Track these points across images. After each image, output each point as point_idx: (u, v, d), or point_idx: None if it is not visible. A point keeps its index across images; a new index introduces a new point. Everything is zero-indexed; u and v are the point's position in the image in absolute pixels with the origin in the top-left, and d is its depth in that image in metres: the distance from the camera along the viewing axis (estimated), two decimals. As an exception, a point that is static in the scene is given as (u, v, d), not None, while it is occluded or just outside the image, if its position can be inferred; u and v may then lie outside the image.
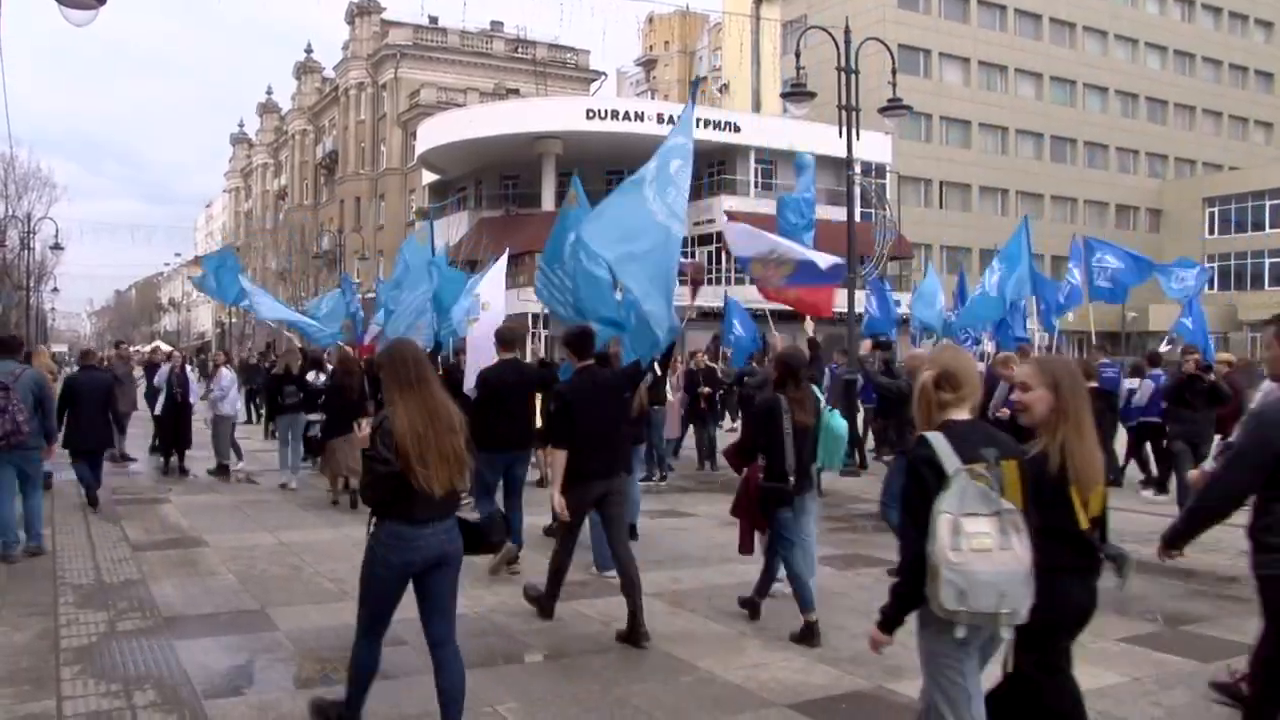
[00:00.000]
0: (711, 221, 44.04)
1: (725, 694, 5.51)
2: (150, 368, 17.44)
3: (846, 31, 16.82)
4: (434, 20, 63.79)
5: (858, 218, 17.94)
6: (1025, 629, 3.55)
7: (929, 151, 52.72)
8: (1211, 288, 57.28)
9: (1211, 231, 58.27)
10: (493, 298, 12.13)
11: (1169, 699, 5.48)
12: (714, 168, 45.78)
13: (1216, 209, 58.29)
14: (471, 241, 42.88)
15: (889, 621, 3.63)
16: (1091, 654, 6.18)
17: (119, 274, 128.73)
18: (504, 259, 13.28)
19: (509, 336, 8.99)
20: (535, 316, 33.06)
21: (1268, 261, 55.29)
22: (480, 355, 10.45)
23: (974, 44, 54.77)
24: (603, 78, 65.54)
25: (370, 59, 62.73)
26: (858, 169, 19.15)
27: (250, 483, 14.02)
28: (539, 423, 9.62)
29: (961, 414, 3.62)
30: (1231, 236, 57.34)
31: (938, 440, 3.48)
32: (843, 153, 16.77)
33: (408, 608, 7.17)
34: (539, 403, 9.54)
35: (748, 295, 14.59)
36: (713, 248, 44.26)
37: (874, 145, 40.57)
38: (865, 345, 12.19)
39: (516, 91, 57.53)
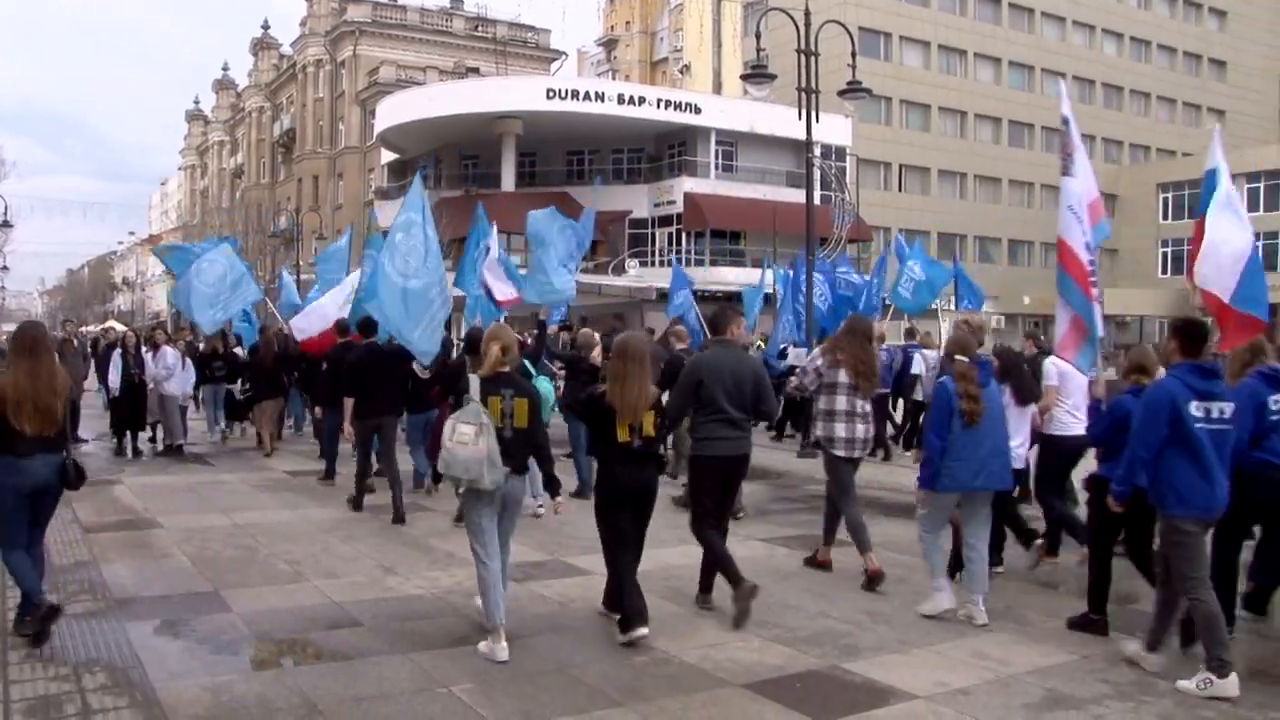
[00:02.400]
0: (672, 203, 43.98)
1: (681, 674, 5.54)
2: (109, 347, 17.02)
3: (807, 14, 16.82)
4: (393, -3, 63.08)
5: (817, 200, 17.98)
6: (606, 499, 6.11)
7: (888, 135, 52.83)
8: (1165, 272, 58.39)
9: (1166, 217, 59.04)
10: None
11: (1117, 676, 5.58)
12: (674, 149, 45.60)
13: (1171, 195, 59.00)
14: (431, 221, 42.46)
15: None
16: (1042, 633, 6.30)
17: (72, 252, 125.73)
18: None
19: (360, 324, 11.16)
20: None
21: (1219, 247, 56.10)
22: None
23: (934, 28, 54.91)
24: (563, 57, 65.09)
25: (329, 36, 61.81)
26: (817, 151, 19.15)
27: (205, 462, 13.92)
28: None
29: (505, 369, 5.98)
30: (1186, 222, 57.92)
31: (474, 380, 5.91)
32: (802, 135, 16.80)
33: (361, 589, 7.18)
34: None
35: (706, 278, 14.56)
36: (672, 229, 44.25)
37: (834, 128, 40.61)
38: (551, 328, 14.12)
39: (476, 70, 57.03)
